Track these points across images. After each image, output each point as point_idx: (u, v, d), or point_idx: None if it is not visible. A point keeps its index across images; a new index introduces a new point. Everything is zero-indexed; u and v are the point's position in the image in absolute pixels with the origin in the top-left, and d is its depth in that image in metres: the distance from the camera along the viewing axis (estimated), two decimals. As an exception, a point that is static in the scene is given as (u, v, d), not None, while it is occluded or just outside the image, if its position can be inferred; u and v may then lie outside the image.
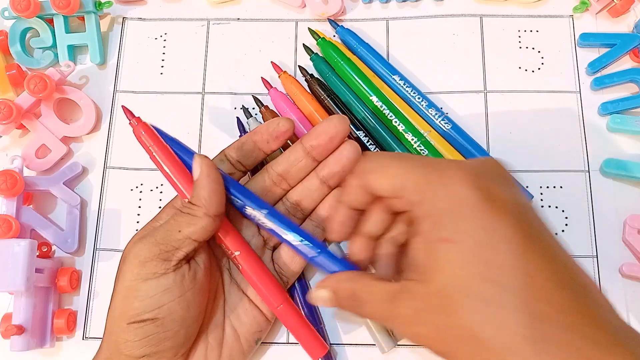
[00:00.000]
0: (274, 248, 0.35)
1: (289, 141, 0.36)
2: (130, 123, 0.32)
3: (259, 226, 0.33)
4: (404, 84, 0.39)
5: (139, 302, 0.29)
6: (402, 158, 0.28)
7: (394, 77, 0.39)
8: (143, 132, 0.32)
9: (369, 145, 0.38)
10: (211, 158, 0.32)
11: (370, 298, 0.27)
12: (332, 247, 0.36)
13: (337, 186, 0.34)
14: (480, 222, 0.24)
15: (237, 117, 0.40)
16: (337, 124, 0.32)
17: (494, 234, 0.24)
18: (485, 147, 0.39)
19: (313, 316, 0.35)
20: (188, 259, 0.30)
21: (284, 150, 0.35)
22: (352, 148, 0.33)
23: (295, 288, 0.36)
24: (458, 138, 0.38)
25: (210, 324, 0.33)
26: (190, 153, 0.32)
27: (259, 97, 0.40)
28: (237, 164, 0.34)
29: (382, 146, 0.38)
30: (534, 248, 0.24)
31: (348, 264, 0.32)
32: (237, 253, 0.32)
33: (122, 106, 0.33)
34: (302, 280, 0.36)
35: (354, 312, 0.29)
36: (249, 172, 0.35)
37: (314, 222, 0.35)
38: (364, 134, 0.38)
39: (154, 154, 0.32)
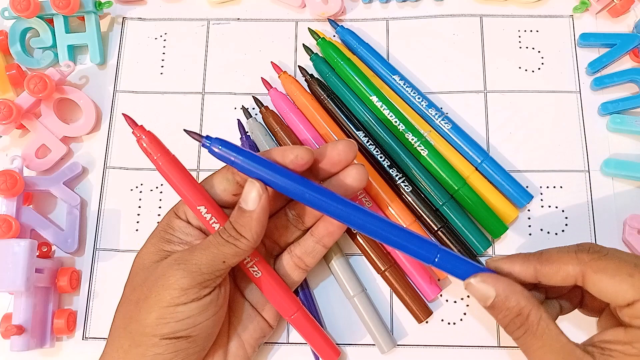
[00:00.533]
0: (275, 257, 0.35)
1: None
2: (133, 132, 0.31)
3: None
4: (404, 84, 0.39)
5: (175, 323, 0.29)
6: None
7: (394, 77, 0.39)
8: (146, 141, 0.31)
9: (369, 145, 0.38)
10: (215, 170, 0.32)
11: (542, 336, 0.26)
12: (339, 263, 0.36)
13: None
14: None
15: (238, 119, 0.40)
16: (342, 151, 0.31)
17: None
18: (485, 147, 0.39)
19: (315, 319, 0.35)
20: None
21: None
22: (357, 175, 0.31)
23: (298, 296, 0.36)
24: (458, 138, 0.38)
25: (220, 331, 0.32)
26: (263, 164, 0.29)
27: (259, 97, 0.40)
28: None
29: (382, 146, 0.38)
30: None
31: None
32: (256, 259, 0.32)
33: (123, 114, 0.32)
34: (305, 289, 0.36)
35: (509, 329, 0.28)
36: None
37: (314, 237, 0.34)
38: (364, 134, 0.38)
39: (159, 163, 0.31)
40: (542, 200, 0.38)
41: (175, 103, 0.42)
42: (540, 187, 0.38)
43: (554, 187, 0.38)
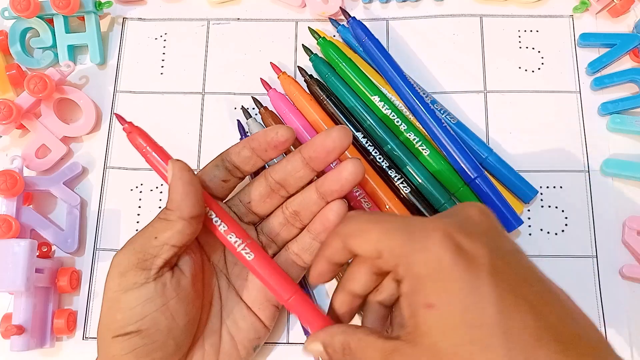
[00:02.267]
0: (273, 256, 0.34)
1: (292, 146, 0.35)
2: (124, 128, 0.31)
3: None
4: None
5: (121, 315, 0.28)
6: (382, 221, 0.27)
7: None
8: (137, 138, 0.31)
9: (368, 146, 0.38)
10: (209, 161, 0.32)
11: (364, 355, 0.27)
12: None
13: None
14: (458, 284, 0.24)
15: (238, 120, 0.40)
16: (336, 138, 0.31)
17: (474, 295, 0.23)
18: (485, 147, 0.39)
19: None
20: (170, 265, 0.30)
21: (285, 155, 0.34)
22: (353, 169, 0.31)
23: None
24: (462, 133, 0.38)
25: (207, 330, 0.32)
26: None
27: (259, 97, 0.40)
28: (235, 170, 0.32)
29: (381, 147, 0.38)
30: (516, 302, 0.23)
31: None
32: (248, 241, 0.31)
33: (115, 114, 0.32)
34: (305, 287, 0.36)
35: None
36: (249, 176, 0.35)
37: (311, 234, 0.33)
38: (362, 135, 0.38)
39: (149, 156, 0.31)
40: (542, 200, 0.38)
41: (175, 103, 0.42)
42: (540, 187, 0.38)
43: (554, 187, 0.38)
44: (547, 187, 0.38)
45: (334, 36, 0.42)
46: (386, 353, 0.25)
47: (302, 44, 0.41)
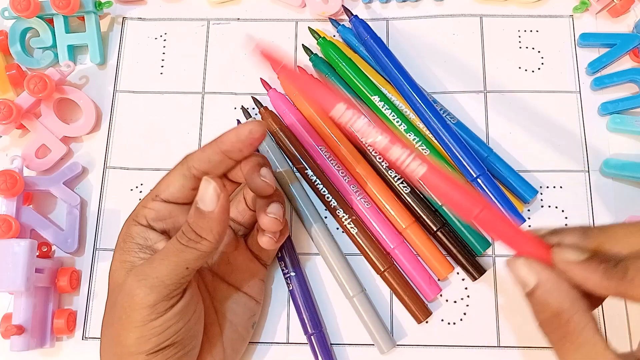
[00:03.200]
0: (245, 236, 0.35)
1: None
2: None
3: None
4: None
5: (156, 337, 0.28)
6: None
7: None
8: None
9: (367, 146, 0.38)
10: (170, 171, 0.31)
11: (584, 347, 0.23)
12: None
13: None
14: None
15: (237, 120, 0.40)
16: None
17: None
18: (485, 147, 0.39)
19: (315, 319, 0.35)
20: None
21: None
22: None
23: (292, 278, 0.36)
24: (463, 133, 0.38)
25: (206, 324, 0.32)
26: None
27: (259, 97, 0.40)
28: (203, 174, 0.29)
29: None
30: None
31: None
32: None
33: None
34: (305, 289, 0.36)
35: (543, 329, 0.24)
36: None
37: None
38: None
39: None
40: (542, 200, 0.38)
41: (175, 103, 0.42)
42: (540, 187, 0.38)
43: (554, 187, 0.38)
44: (547, 187, 0.38)
45: (334, 36, 0.42)
46: None
47: (302, 44, 0.41)
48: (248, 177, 0.30)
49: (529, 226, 0.38)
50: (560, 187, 0.38)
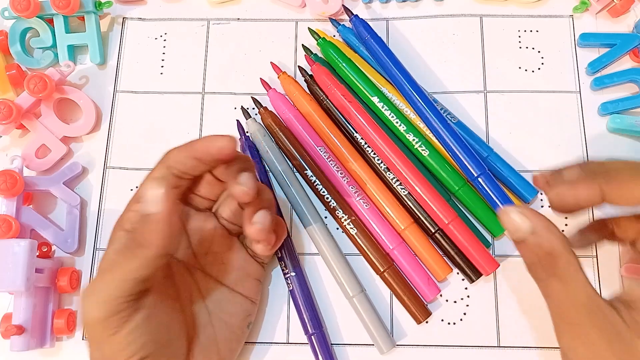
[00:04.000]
0: (238, 236, 0.35)
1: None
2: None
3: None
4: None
5: (123, 352, 0.27)
6: None
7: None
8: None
9: (366, 147, 0.38)
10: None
11: (568, 283, 0.25)
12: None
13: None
14: None
15: (237, 120, 0.40)
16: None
17: None
18: (485, 147, 0.39)
19: (315, 319, 0.36)
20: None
21: None
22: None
23: (292, 278, 0.36)
24: (463, 132, 0.38)
25: (198, 326, 0.32)
26: None
27: (258, 97, 0.40)
28: (184, 174, 0.29)
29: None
30: None
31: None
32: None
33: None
34: (304, 289, 0.36)
35: (533, 269, 0.26)
36: None
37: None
38: (361, 137, 0.38)
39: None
40: (541, 200, 0.38)
41: (175, 103, 0.42)
42: (540, 187, 0.38)
43: (554, 187, 0.38)
44: (547, 187, 0.38)
45: (334, 36, 0.42)
46: (592, 299, 0.24)
47: (302, 44, 0.41)
48: (228, 183, 0.29)
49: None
50: (560, 187, 0.38)
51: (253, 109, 0.41)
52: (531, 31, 0.42)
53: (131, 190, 0.40)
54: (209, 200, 0.33)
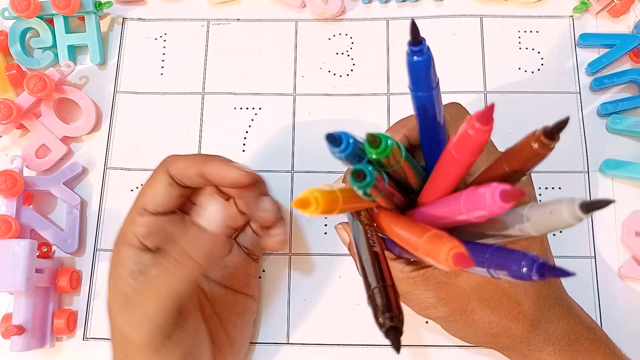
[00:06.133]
0: (237, 233, 0.35)
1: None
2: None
3: None
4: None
5: None
6: None
7: None
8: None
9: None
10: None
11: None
12: None
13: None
14: None
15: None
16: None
17: None
18: (484, 148, 0.39)
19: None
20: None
21: None
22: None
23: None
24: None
25: (213, 333, 0.32)
26: None
27: (258, 97, 0.40)
28: (188, 185, 0.30)
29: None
30: None
31: None
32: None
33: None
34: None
35: (349, 249, 0.31)
36: None
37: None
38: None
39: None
40: (541, 200, 0.38)
41: (176, 103, 0.42)
42: (540, 187, 0.38)
43: (553, 188, 0.38)
44: (547, 187, 0.39)
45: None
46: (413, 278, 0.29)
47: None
48: (249, 210, 0.31)
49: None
50: (560, 188, 0.38)
51: (254, 110, 0.41)
52: (531, 31, 0.42)
53: (131, 190, 0.40)
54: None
